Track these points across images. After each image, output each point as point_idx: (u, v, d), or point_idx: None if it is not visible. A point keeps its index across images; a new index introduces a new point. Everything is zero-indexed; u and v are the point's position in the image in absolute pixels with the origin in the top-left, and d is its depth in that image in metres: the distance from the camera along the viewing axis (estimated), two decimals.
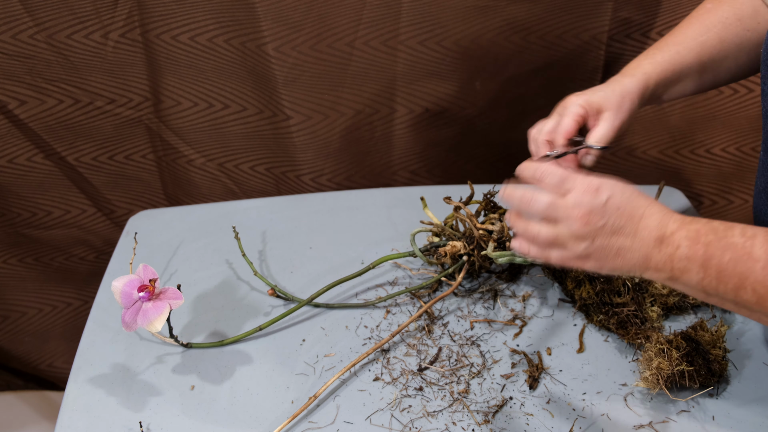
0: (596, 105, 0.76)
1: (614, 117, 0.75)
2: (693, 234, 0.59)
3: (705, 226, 0.59)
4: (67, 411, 0.79)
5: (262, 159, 1.27)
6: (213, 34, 1.11)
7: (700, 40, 0.80)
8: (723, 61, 0.81)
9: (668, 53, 0.79)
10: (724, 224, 0.59)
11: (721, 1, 0.82)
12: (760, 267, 0.54)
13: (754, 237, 0.56)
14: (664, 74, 0.79)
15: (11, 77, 1.11)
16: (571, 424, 0.75)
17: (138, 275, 0.78)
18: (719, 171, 1.30)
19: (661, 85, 0.80)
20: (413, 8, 1.10)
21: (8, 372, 1.46)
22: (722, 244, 0.57)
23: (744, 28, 0.80)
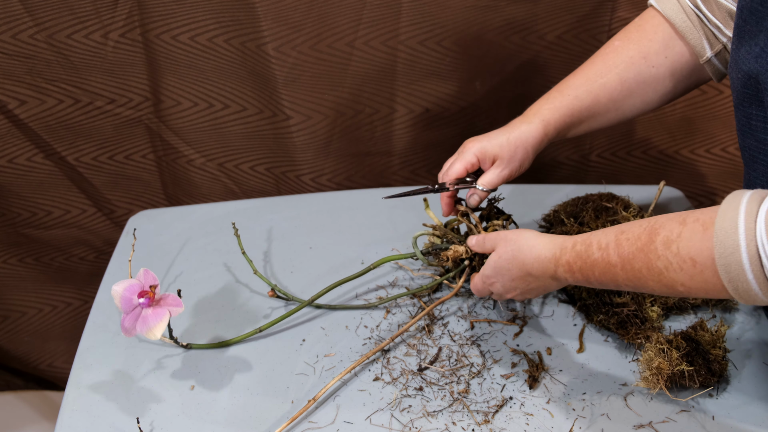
0: (490, 154, 0.84)
1: (504, 166, 0.84)
2: (567, 267, 0.71)
3: (572, 254, 0.70)
4: (67, 411, 0.79)
5: (262, 159, 1.27)
6: (213, 34, 1.11)
7: (600, 82, 0.83)
8: (626, 99, 0.84)
9: (567, 98, 0.83)
10: (584, 243, 0.69)
11: (629, 39, 0.84)
12: (620, 269, 0.66)
13: (607, 248, 0.67)
14: (563, 119, 0.83)
15: (11, 77, 1.11)
16: (571, 424, 0.75)
17: (138, 280, 0.77)
18: (719, 171, 1.30)
19: (562, 129, 0.84)
20: (413, 8, 1.10)
21: (8, 372, 1.46)
22: (588, 265, 0.68)
23: (649, 65, 0.82)
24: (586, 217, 0.92)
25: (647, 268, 0.63)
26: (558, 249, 0.72)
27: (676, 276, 0.61)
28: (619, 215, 0.91)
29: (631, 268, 0.65)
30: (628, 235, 0.65)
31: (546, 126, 0.83)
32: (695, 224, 0.59)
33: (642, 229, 0.64)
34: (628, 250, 0.64)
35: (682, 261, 0.60)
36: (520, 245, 0.76)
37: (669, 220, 0.63)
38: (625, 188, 1.10)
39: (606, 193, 0.96)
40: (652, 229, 0.63)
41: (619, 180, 1.33)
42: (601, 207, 0.93)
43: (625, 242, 0.65)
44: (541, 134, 0.82)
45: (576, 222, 0.92)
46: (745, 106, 0.70)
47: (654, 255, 0.62)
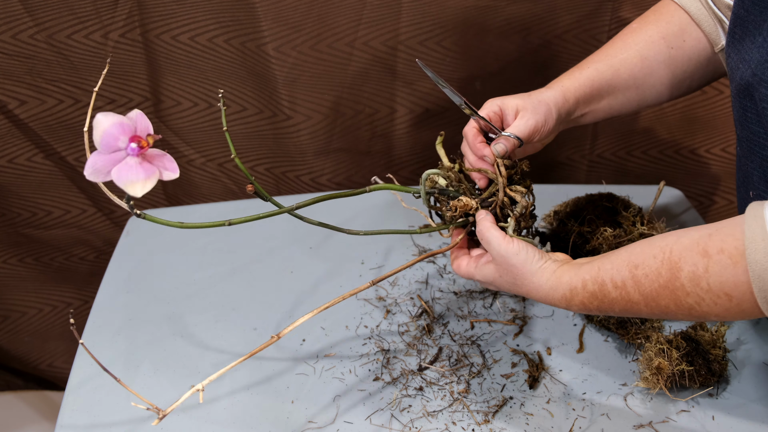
0: (512, 106, 0.80)
1: (530, 117, 0.78)
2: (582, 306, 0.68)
3: (585, 295, 0.67)
4: (67, 411, 0.79)
5: (262, 159, 1.27)
6: (213, 35, 1.11)
7: (621, 57, 0.82)
8: (646, 78, 0.83)
9: (587, 70, 0.82)
10: (595, 281, 0.66)
11: (647, 21, 0.84)
12: (643, 306, 0.64)
13: (624, 286, 0.64)
14: (582, 89, 0.81)
15: (11, 77, 1.11)
16: (571, 424, 0.75)
17: (130, 119, 0.61)
18: (719, 171, 1.30)
19: (582, 101, 0.81)
20: (413, 8, 1.10)
21: (8, 372, 1.46)
22: (607, 303, 0.66)
23: (668, 45, 0.82)
24: (586, 217, 0.92)
25: (675, 305, 0.61)
26: (568, 290, 0.68)
27: (709, 309, 0.59)
28: (619, 215, 0.91)
29: (657, 305, 0.62)
30: (645, 270, 0.62)
31: (565, 92, 0.80)
32: (721, 256, 0.57)
33: (659, 262, 0.61)
34: (650, 288, 0.62)
35: (715, 296, 0.58)
36: (523, 280, 0.71)
37: (687, 250, 0.60)
38: (625, 188, 1.10)
39: (606, 193, 0.96)
40: (672, 263, 0.60)
41: (619, 180, 1.33)
42: (602, 207, 0.93)
43: (644, 279, 0.62)
44: (561, 98, 0.80)
45: (576, 222, 0.92)
46: (741, 97, 0.70)
47: (682, 292, 0.60)
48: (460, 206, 0.77)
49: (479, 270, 0.75)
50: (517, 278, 0.71)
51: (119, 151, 0.60)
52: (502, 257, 0.71)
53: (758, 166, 0.71)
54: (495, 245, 0.72)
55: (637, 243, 0.66)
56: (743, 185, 0.78)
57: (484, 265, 0.75)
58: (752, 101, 0.68)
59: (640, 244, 0.65)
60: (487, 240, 0.73)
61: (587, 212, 0.93)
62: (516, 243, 0.71)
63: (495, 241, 0.72)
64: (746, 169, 0.75)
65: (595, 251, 0.85)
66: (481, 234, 0.74)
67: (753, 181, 0.73)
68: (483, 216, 0.75)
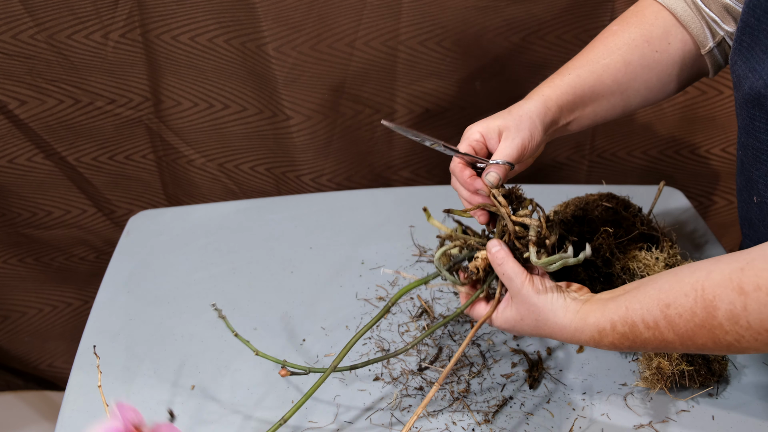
0: (494, 129, 0.75)
1: (514, 135, 0.74)
2: (611, 345, 0.65)
3: (615, 336, 0.64)
4: (67, 411, 0.79)
5: (262, 159, 1.27)
6: (213, 35, 1.11)
7: (603, 62, 0.79)
8: (630, 83, 0.80)
9: (568, 77, 0.78)
10: (625, 322, 0.63)
11: (628, 23, 0.81)
12: (679, 345, 0.61)
13: (657, 326, 0.62)
14: (564, 97, 0.77)
15: (11, 77, 1.11)
16: (571, 424, 0.75)
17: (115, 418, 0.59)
18: (719, 171, 1.30)
19: (565, 109, 0.78)
20: (413, 8, 1.10)
21: (8, 372, 1.46)
22: (639, 343, 0.64)
23: (652, 49, 0.79)
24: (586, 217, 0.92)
25: (713, 342, 0.59)
26: (596, 332, 0.65)
27: (749, 345, 0.58)
28: (619, 215, 0.91)
29: (693, 344, 0.61)
30: (678, 309, 0.60)
31: (546, 101, 0.77)
32: (759, 293, 0.56)
33: (692, 301, 0.59)
34: (686, 327, 0.60)
35: (756, 333, 0.57)
36: (546, 320, 0.67)
37: (721, 287, 0.58)
38: (625, 188, 1.10)
39: (606, 193, 0.96)
40: (706, 301, 0.58)
41: (619, 180, 1.33)
42: (602, 207, 0.93)
43: (678, 319, 0.60)
44: (542, 108, 0.76)
45: (576, 222, 0.92)
46: (750, 107, 0.69)
47: (720, 331, 0.58)
48: (481, 266, 0.71)
49: (500, 315, 0.70)
50: (540, 319, 0.67)
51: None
52: (524, 297, 0.67)
53: (764, 174, 0.70)
54: (518, 283, 0.67)
55: (664, 276, 0.63)
56: (746, 189, 0.78)
57: (506, 310, 0.70)
58: (763, 111, 0.67)
59: (668, 279, 0.63)
60: (509, 276, 0.67)
61: (587, 212, 0.93)
62: (537, 281, 0.67)
63: (518, 278, 0.67)
64: (750, 176, 0.74)
65: (595, 251, 0.85)
66: (500, 269, 0.68)
67: (758, 188, 0.73)
68: (497, 248, 0.69)
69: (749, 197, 0.77)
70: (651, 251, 0.83)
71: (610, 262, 0.84)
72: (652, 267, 0.82)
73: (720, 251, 1.00)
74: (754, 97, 0.68)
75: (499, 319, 0.71)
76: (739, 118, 0.74)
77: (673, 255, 0.84)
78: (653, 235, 0.86)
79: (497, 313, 0.71)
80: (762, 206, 0.74)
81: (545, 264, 0.68)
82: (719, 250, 1.00)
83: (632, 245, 0.84)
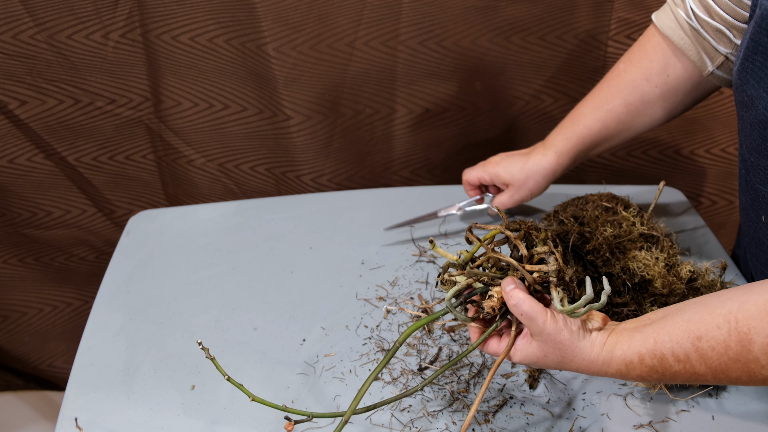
0: (502, 179, 0.94)
1: (515, 192, 0.94)
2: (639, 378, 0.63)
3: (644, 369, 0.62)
4: (67, 411, 0.79)
5: (262, 159, 1.27)
6: (213, 35, 1.11)
7: (606, 108, 0.88)
8: (635, 119, 0.88)
9: (578, 127, 0.90)
10: (654, 355, 0.61)
11: (632, 62, 0.87)
12: (711, 378, 0.60)
13: (687, 359, 0.60)
14: (576, 148, 0.91)
15: (12, 77, 1.11)
16: (571, 424, 0.75)
17: None
18: (719, 171, 1.30)
19: (577, 156, 0.92)
20: (413, 8, 1.10)
21: (8, 372, 1.46)
22: (669, 376, 0.62)
23: (652, 85, 0.86)
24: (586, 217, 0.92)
25: (748, 376, 0.58)
26: (623, 365, 0.63)
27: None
28: (619, 215, 0.91)
29: (726, 377, 0.59)
30: (710, 342, 0.58)
31: (559, 156, 0.91)
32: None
33: (725, 333, 0.58)
34: (719, 361, 0.58)
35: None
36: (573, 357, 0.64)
37: (756, 320, 0.56)
38: (625, 188, 1.10)
39: (606, 193, 0.96)
40: (741, 334, 0.57)
41: (619, 180, 1.33)
42: (602, 207, 0.93)
43: (710, 352, 0.58)
44: (554, 164, 0.91)
45: (576, 222, 0.92)
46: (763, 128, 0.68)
47: (756, 365, 0.57)
48: (497, 305, 0.66)
49: (520, 351, 0.66)
50: (567, 356, 0.64)
51: None
52: (549, 335, 0.63)
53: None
54: (540, 322, 0.63)
55: (693, 307, 0.61)
56: (752, 208, 0.78)
57: (527, 346, 0.65)
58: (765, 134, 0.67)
59: (697, 309, 0.61)
60: (528, 317, 0.63)
61: (587, 212, 0.93)
62: (560, 318, 0.64)
63: (539, 317, 0.63)
64: (758, 194, 0.74)
65: (595, 251, 0.85)
66: (517, 309, 0.63)
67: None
68: (512, 287, 0.64)
69: (756, 216, 0.77)
70: (651, 251, 0.83)
71: (610, 262, 0.84)
72: (652, 267, 0.82)
73: (720, 251, 1.00)
74: (764, 120, 0.67)
75: (519, 356, 0.66)
76: (747, 137, 0.72)
77: (673, 255, 0.84)
78: (653, 235, 0.86)
79: (516, 349, 0.67)
80: None
81: (570, 312, 0.63)
82: (719, 250, 1.00)
83: (632, 245, 0.84)
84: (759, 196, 0.74)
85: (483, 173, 0.95)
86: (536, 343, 0.65)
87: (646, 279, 0.82)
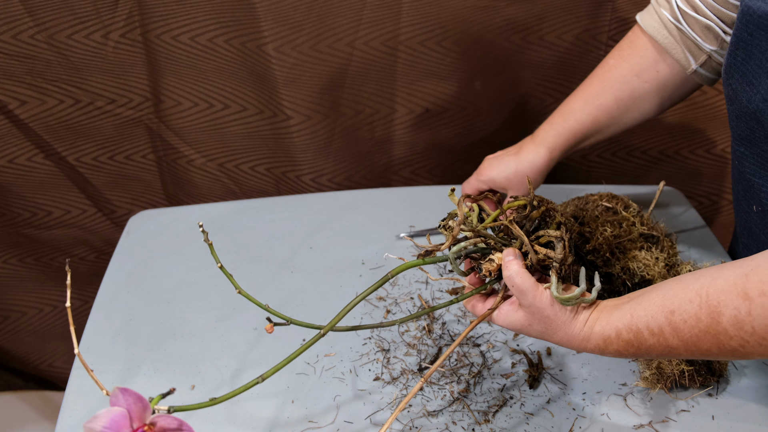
0: (498, 184, 0.92)
1: (514, 193, 0.92)
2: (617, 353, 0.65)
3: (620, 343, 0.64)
4: (67, 411, 0.79)
5: (262, 159, 1.27)
6: (213, 35, 1.11)
7: (597, 103, 0.88)
8: (624, 114, 0.89)
9: (569, 121, 0.90)
10: (630, 329, 0.64)
11: (622, 57, 0.88)
12: (683, 351, 0.62)
13: (661, 333, 0.62)
14: (567, 142, 0.90)
15: (12, 77, 1.11)
16: (571, 424, 0.75)
17: (119, 404, 0.55)
18: (719, 171, 1.30)
19: (567, 149, 0.91)
20: (413, 8, 1.10)
21: (8, 372, 1.46)
22: (644, 350, 0.64)
23: (642, 81, 0.86)
24: (586, 217, 0.92)
25: (718, 348, 0.60)
26: (601, 341, 0.65)
27: (754, 350, 0.58)
28: (619, 215, 0.91)
29: (698, 349, 0.61)
30: (682, 316, 0.60)
31: (551, 151, 0.90)
32: (763, 299, 0.56)
33: (696, 307, 0.59)
34: (690, 333, 0.60)
35: (761, 338, 0.57)
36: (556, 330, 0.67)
37: (726, 293, 0.58)
38: (625, 188, 1.10)
39: (606, 193, 0.96)
40: (711, 307, 0.58)
41: (619, 180, 1.33)
42: (602, 207, 0.93)
43: (682, 325, 0.60)
44: (547, 160, 0.90)
45: (576, 222, 0.92)
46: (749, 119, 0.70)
47: (725, 336, 0.58)
48: (494, 270, 0.68)
49: (504, 316, 0.69)
50: (549, 328, 0.67)
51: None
52: (537, 308, 0.66)
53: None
54: (530, 296, 0.65)
55: (668, 284, 0.63)
56: (744, 199, 0.79)
57: (512, 312, 0.68)
58: (759, 124, 0.68)
59: (672, 285, 0.63)
60: (520, 289, 0.66)
61: (587, 212, 0.93)
62: (548, 293, 0.66)
63: (530, 292, 0.65)
64: (750, 185, 0.75)
65: (595, 251, 0.85)
66: (510, 280, 0.66)
67: (760, 197, 0.73)
68: (511, 258, 0.67)
69: (748, 206, 0.78)
70: (651, 251, 0.83)
71: (610, 262, 0.84)
72: (652, 267, 0.82)
73: (720, 251, 1.00)
74: (752, 111, 0.69)
75: (503, 320, 0.69)
76: (735, 129, 0.75)
77: (673, 255, 0.84)
78: (653, 235, 0.86)
79: (500, 313, 0.69)
80: (762, 215, 0.74)
81: (565, 300, 0.65)
82: (719, 249, 1.00)
83: (632, 245, 0.84)
84: (750, 186, 0.75)
85: (479, 183, 0.94)
86: (522, 312, 0.67)
87: (646, 279, 0.82)
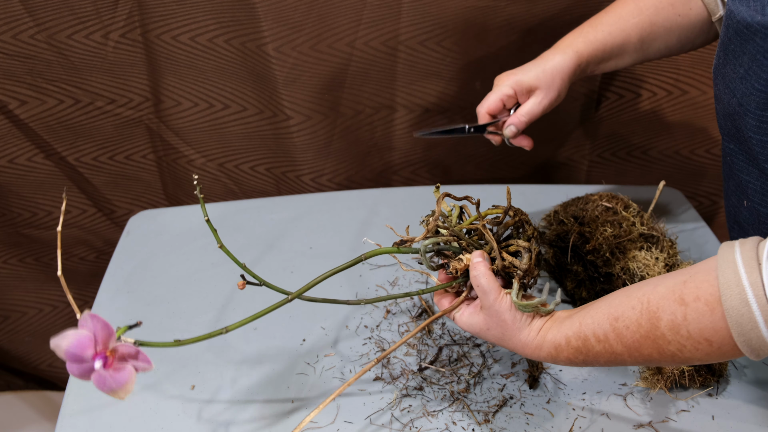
0: (527, 85, 0.83)
1: (544, 95, 0.83)
2: (567, 361, 0.67)
3: (570, 351, 0.66)
4: (67, 411, 0.79)
5: (262, 159, 1.27)
6: (213, 35, 1.11)
7: (632, 21, 0.84)
8: (653, 42, 0.86)
9: (600, 33, 0.84)
10: (578, 337, 0.65)
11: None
12: (627, 357, 0.63)
13: (606, 339, 0.63)
14: (595, 53, 0.84)
15: (12, 77, 1.11)
16: (571, 424, 0.75)
17: (87, 328, 0.57)
18: (719, 171, 1.30)
19: (593, 63, 0.85)
20: (413, 8, 1.10)
21: (8, 372, 1.46)
22: (592, 357, 0.65)
23: (675, 12, 0.84)
24: (586, 217, 0.92)
25: (658, 353, 0.61)
26: (552, 348, 0.67)
27: (691, 355, 0.60)
28: (619, 215, 0.91)
29: (640, 355, 0.62)
30: (625, 322, 0.62)
31: (579, 57, 0.83)
32: (697, 303, 0.57)
33: (638, 313, 0.61)
34: (632, 339, 0.62)
35: (696, 342, 0.58)
36: (511, 336, 0.69)
37: (664, 299, 0.60)
38: (625, 188, 1.10)
39: (606, 193, 0.96)
40: (651, 313, 0.60)
41: (619, 180, 1.33)
42: (602, 207, 0.93)
43: (625, 331, 0.62)
44: (575, 65, 0.83)
45: (576, 222, 0.92)
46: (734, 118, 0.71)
47: (663, 341, 0.60)
48: (461, 269, 0.72)
49: (466, 318, 0.71)
50: (506, 333, 0.69)
51: (90, 363, 0.58)
52: (496, 311, 0.68)
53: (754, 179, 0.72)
54: (491, 298, 0.68)
55: (616, 294, 0.65)
56: (734, 194, 0.80)
57: (473, 315, 0.71)
58: (735, 125, 0.70)
59: (618, 294, 0.65)
60: (483, 290, 0.68)
61: (587, 212, 0.93)
62: (508, 299, 0.68)
63: (492, 293, 0.68)
64: (739, 180, 0.76)
65: (595, 251, 0.85)
66: (476, 280, 0.69)
67: (748, 193, 0.74)
68: (479, 260, 0.70)
69: (738, 202, 0.79)
70: (651, 251, 0.83)
71: (610, 262, 0.84)
72: (652, 267, 0.82)
73: None
74: (729, 113, 0.71)
75: (464, 321, 0.72)
76: (722, 126, 0.76)
77: (673, 255, 0.84)
78: (653, 235, 0.86)
79: (463, 313, 0.72)
80: (752, 210, 0.75)
81: (523, 307, 0.68)
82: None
83: (632, 245, 0.84)
84: (739, 182, 0.76)
85: (502, 93, 0.84)
86: (483, 315, 0.70)
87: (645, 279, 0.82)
